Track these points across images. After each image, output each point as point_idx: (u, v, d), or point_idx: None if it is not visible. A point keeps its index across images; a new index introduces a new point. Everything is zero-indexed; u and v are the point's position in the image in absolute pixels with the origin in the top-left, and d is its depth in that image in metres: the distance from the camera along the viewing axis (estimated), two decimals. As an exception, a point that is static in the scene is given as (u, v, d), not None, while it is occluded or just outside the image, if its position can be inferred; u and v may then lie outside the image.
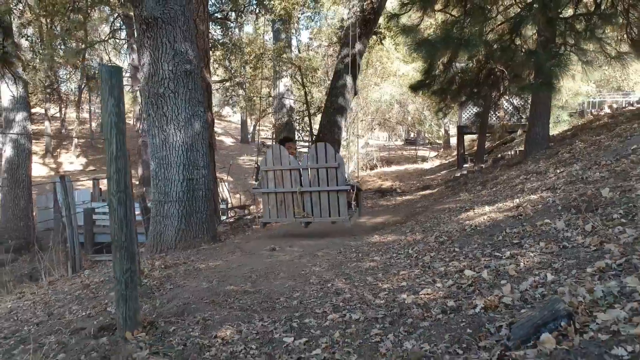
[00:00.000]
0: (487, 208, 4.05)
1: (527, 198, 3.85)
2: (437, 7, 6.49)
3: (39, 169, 22.07)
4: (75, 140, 25.04)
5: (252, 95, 14.59)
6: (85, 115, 29.49)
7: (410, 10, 6.61)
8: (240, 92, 18.21)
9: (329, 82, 13.20)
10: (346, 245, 4.15)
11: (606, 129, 6.88)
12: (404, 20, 7.22)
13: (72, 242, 6.73)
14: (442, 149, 27.89)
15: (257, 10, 14.10)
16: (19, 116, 11.94)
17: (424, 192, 9.26)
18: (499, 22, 6.55)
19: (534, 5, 5.45)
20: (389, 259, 3.32)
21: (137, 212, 11.92)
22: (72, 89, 26.81)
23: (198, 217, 5.57)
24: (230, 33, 15.95)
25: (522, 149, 8.49)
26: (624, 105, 16.02)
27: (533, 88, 6.13)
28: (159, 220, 5.54)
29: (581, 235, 2.59)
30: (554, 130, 11.22)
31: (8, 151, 11.94)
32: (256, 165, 6.00)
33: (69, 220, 6.62)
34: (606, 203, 2.92)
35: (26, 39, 12.32)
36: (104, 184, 17.85)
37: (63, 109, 28.45)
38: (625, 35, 7.04)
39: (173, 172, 5.46)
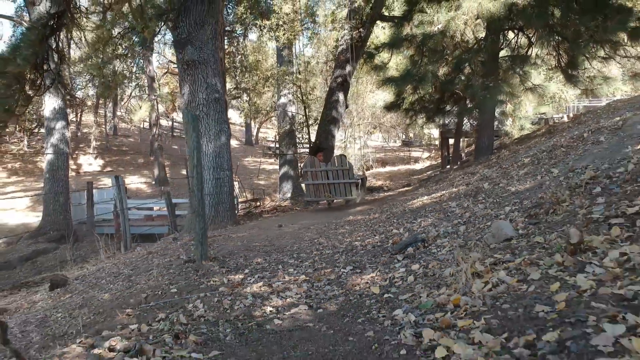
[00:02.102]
0: (425, 197, 5.96)
1: (450, 190, 5.76)
2: (401, 50, 8.41)
3: (62, 170, 23.95)
4: (93, 143, 26.95)
5: (257, 104, 16.48)
6: (100, 118, 31.39)
7: (381, 52, 8.51)
8: (245, 97, 20.14)
9: (326, 87, 15.04)
10: (330, 222, 6.07)
11: (530, 139, 8.76)
12: (377, 60, 9.15)
13: (125, 226, 8.64)
14: (433, 151, 29.73)
15: (261, 27, 16.04)
16: (59, 125, 13.92)
17: (403, 189, 11.14)
18: (449, 60, 8.42)
19: (475, 48, 7.31)
20: (354, 227, 5.24)
21: (162, 208, 13.81)
22: (89, 95, 28.73)
23: (224, 206, 7.49)
24: (236, 43, 17.91)
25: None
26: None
27: (470, 110, 8.03)
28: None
29: (459, 209, 4.50)
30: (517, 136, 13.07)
31: (49, 154, 13.89)
32: (301, 169, 9.58)
33: (122, 210, 8.54)
34: (483, 192, 4.83)
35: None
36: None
37: (78, 114, 30.43)
38: (556, 63, 8.91)
39: (205, 173, 7.37)
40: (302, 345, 2.14)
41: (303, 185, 10.35)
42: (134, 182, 22.68)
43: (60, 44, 11.43)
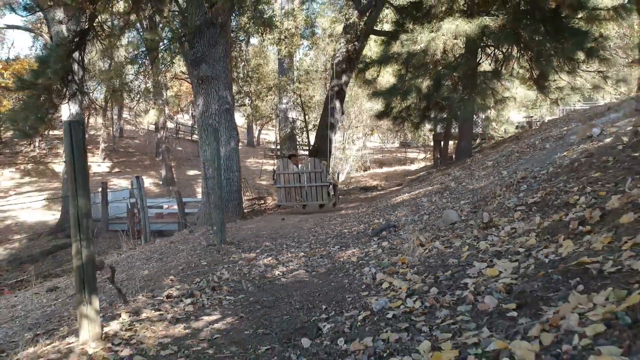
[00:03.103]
0: (406, 195, 7.04)
1: (427, 188, 6.83)
2: (389, 66, 9.48)
3: (72, 171, 25.01)
4: (102, 145, 28.05)
5: (259, 108, 17.57)
6: (108, 121, 32.45)
7: (371, 68, 9.61)
8: (247, 100, 21.23)
9: (325, 91, 16.11)
10: (325, 216, 7.14)
11: (502, 144, 9.84)
12: (367, 75, 10.25)
13: (145, 221, 9.71)
14: (429, 152, 30.77)
15: (262, 34, 17.17)
16: (76, 129, 15.00)
17: (394, 188, 12.22)
18: (431, 75, 9.50)
19: (453, 64, 8.38)
20: (345, 219, 6.32)
21: (174, 206, 14.87)
22: (96, 98, 29.85)
23: (233, 203, 8.56)
24: (238, 48, 19.03)
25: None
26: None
27: (449, 119, 9.11)
28: (208, 206, 8.53)
29: (428, 203, 5.57)
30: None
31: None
32: (274, 170, 9.43)
33: (142, 207, 9.61)
34: (449, 189, 5.90)
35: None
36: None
37: (86, 117, 31.51)
38: (530, 76, 9.98)
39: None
40: (301, 289, 3.22)
41: (275, 188, 9.81)
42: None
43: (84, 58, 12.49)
